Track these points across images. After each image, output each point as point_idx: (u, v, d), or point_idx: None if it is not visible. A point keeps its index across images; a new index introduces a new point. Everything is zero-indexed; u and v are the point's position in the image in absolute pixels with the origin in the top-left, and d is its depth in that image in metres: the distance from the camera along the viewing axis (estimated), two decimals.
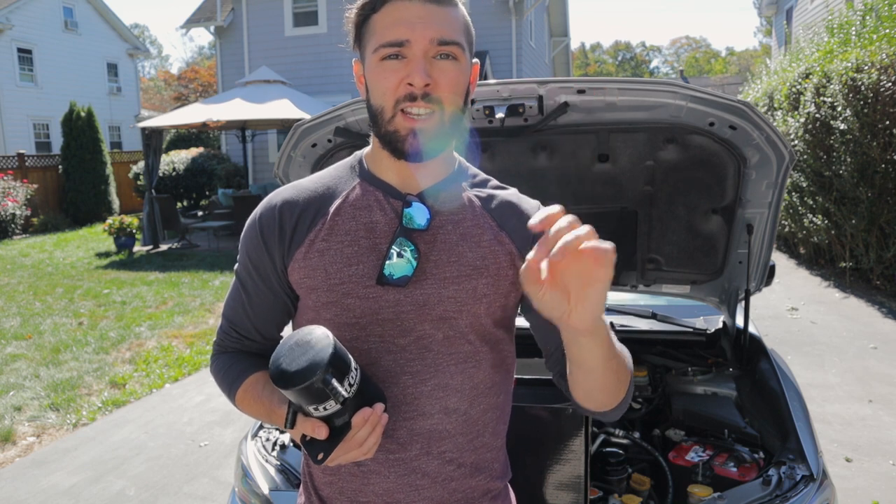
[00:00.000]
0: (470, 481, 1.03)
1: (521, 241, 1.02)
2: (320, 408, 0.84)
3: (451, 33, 0.93)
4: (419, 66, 0.90)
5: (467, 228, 1.00)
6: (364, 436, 0.86)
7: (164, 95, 39.32)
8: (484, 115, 1.79)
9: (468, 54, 0.97)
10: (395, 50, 0.91)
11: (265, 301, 1.05)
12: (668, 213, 2.11)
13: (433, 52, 0.92)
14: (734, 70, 48.07)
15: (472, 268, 0.98)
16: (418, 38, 0.90)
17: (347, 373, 0.84)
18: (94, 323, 6.33)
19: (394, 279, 0.95)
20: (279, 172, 2.02)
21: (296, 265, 1.00)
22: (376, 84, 0.94)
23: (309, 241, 0.99)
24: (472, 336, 1.00)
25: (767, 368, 2.14)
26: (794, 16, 16.39)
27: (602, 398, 0.95)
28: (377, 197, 1.00)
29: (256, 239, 1.02)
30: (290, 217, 1.01)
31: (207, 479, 3.31)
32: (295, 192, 1.03)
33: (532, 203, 1.07)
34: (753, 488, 1.56)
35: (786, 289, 6.98)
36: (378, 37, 0.93)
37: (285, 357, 0.85)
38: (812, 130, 6.93)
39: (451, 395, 0.99)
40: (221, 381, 1.08)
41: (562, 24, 20.91)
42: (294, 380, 0.82)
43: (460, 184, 1.04)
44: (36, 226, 13.53)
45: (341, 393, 0.82)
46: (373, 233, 0.98)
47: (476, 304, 0.98)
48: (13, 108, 20.04)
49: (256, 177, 14.89)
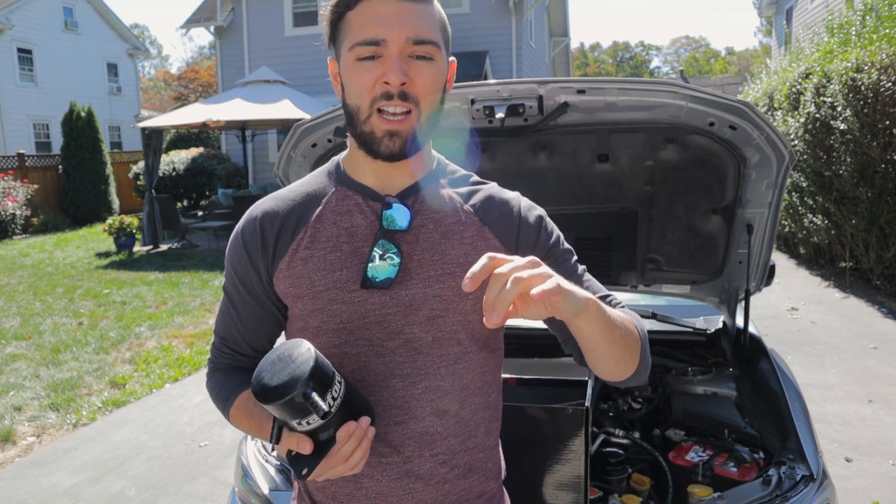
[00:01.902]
0: (464, 482, 1.03)
1: (505, 235, 1.02)
2: (303, 422, 0.83)
3: (428, 32, 0.92)
4: (395, 65, 0.90)
5: (449, 226, 1.00)
6: (349, 450, 0.85)
7: (164, 95, 39.31)
8: (484, 115, 1.79)
9: (445, 52, 0.96)
10: (371, 50, 0.91)
11: (254, 314, 1.05)
12: (668, 213, 2.11)
13: (409, 51, 0.91)
14: (734, 70, 48.06)
15: (456, 265, 0.98)
16: (395, 37, 0.90)
17: (330, 386, 0.83)
18: (94, 323, 6.33)
19: (377, 282, 0.95)
20: (279, 172, 2.02)
21: (280, 275, 1.00)
22: (352, 83, 0.94)
23: (292, 251, 0.99)
24: (462, 335, 0.99)
25: (767, 368, 2.14)
26: (794, 16, 16.39)
27: (619, 367, 0.95)
28: (356, 201, 1.00)
29: (240, 253, 1.03)
30: (271, 228, 1.01)
31: (207, 479, 3.31)
32: (275, 203, 1.03)
33: (511, 194, 1.07)
34: (753, 488, 1.56)
35: (786, 289, 6.98)
36: (354, 35, 0.92)
37: (267, 372, 0.84)
38: (812, 130, 6.93)
39: (442, 397, 0.99)
40: (216, 398, 1.09)
41: (562, 24, 20.91)
42: (274, 394, 0.81)
43: (439, 181, 1.04)
44: (36, 226, 13.53)
45: (322, 407, 0.81)
46: (354, 237, 0.98)
47: (462, 302, 0.98)
48: (13, 108, 20.04)
49: (256, 177, 14.88)
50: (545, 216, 1.06)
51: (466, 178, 1.07)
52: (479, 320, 1.01)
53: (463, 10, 14.54)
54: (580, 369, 2.00)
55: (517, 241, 1.02)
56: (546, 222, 1.05)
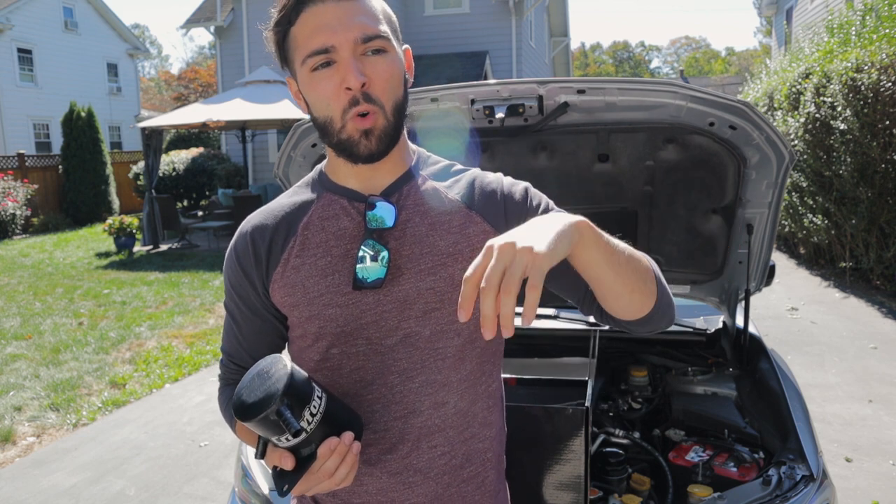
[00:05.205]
0: (462, 473, 1.03)
1: (493, 217, 1.02)
2: (282, 439, 0.82)
3: (373, 26, 0.92)
4: (351, 68, 0.90)
5: (436, 217, 1.00)
6: (332, 466, 0.85)
7: (164, 95, 39.33)
8: (484, 115, 1.80)
9: (396, 41, 0.97)
10: (323, 58, 0.91)
11: (254, 327, 1.06)
12: (668, 213, 2.11)
13: (361, 50, 0.91)
14: (734, 70, 48.07)
15: (446, 255, 0.98)
16: (342, 40, 0.90)
17: (308, 402, 0.82)
18: (94, 323, 6.33)
19: (368, 282, 0.95)
20: (279, 172, 2.02)
21: (276, 286, 1.01)
22: (315, 96, 0.94)
23: (284, 261, 1.00)
24: (461, 326, 0.99)
25: (767, 368, 2.14)
26: (794, 16, 16.39)
27: (636, 299, 0.92)
28: (342, 204, 1.01)
29: (235, 268, 1.04)
30: (262, 241, 1.02)
31: (207, 479, 3.31)
32: (263, 217, 1.04)
33: (494, 176, 1.06)
34: (753, 488, 1.56)
35: (786, 289, 6.98)
36: (302, 48, 0.92)
37: (246, 388, 0.83)
38: (812, 130, 6.93)
39: (439, 390, 0.99)
40: (224, 413, 1.12)
41: (562, 24, 20.91)
42: (250, 412, 0.80)
43: (421, 175, 1.04)
44: (36, 226, 13.53)
45: (295, 425, 0.80)
46: (343, 240, 0.99)
47: (455, 292, 0.98)
48: (13, 108, 20.04)
49: (256, 177, 14.88)
50: (530, 187, 1.06)
51: (448, 168, 1.07)
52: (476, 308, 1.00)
53: (463, 10, 14.56)
54: (580, 369, 2.01)
55: (506, 219, 1.02)
56: (531, 192, 1.05)
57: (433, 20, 14.59)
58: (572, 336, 2.40)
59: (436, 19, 14.62)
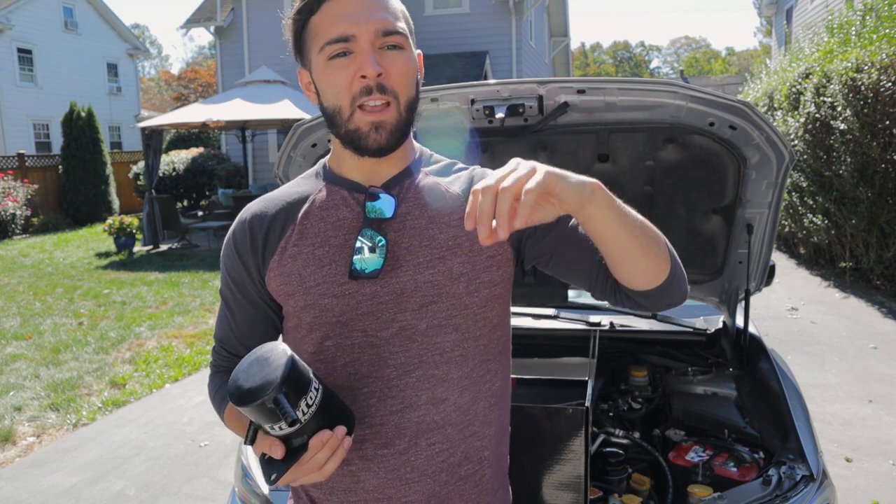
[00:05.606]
0: (459, 471, 1.02)
1: None
2: (275, 427, 0.82)
3: (394, 22, 0.93)
4: (369, 58, 0.90)
5: (435, 210, 1.00)
6: (322, 459, 0.84)
7: (164, 95, 39.34)
8: (484, 115, 1.79)
9: (412, 42, 0.98)
10: (342, 46, 0.91)
11: (248, 315, 1.06)
12: (668, 213, 2.11)
13: (380, 43, 0.92)
14: (734, 70, 48.06)
15: (444, 248, 0.98)
16: (363, 31, 0.91)
17: (305, 392, 0.82)
18: (94, 323, 6.33)
19: (366, 273, 0.95)
20: (279, 172, 2.02)
21: (272, 274, 1.01)
22: (328, 84, 0.94)
23: (281, 249, 1.00)
24: (460, 321, 0.99)
25: (767, 368, 2.14)
26: (794, 16, 16.39)
27: (650, 264, 0.92)
28: (342, 195, 1.01)
29: (233, 255, 1.04)
30: (259, 228, 1.02)
31: (207, 479, 3.31)
32: (263, 205, 1.05)
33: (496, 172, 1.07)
34: (753, 488, 1.56)
35: (786, 289, 6.98)
36: (322, 36, 0.92)
37: (243, 374, 0.83)
38: (812, 130, 6.93)
39: (437, 386, 0.98)
40: (213, 400, 1.11)
41: (562, 24, 20.91)
42: (246, 398, 0.80)
43: (423, 170, 1.05)
44: (36, 226, 13.53)
45: (291, 414, 0.79)
46: (341, 230, 0.99)
47: (454, 285, 0.98)
48: (13, 108, 20.04)
49: (256, 177, 14.89)
50: None
51: (450, 166, 1.08)
52: (477, 303, 1.00)
53: (463, 10, 14.55)
54: (580, 369, 2.01)
55: None
56: None
57: (433, 20, 14.59)
58: (572, 336, 2.40)
59: (436, 19, 14.62)
